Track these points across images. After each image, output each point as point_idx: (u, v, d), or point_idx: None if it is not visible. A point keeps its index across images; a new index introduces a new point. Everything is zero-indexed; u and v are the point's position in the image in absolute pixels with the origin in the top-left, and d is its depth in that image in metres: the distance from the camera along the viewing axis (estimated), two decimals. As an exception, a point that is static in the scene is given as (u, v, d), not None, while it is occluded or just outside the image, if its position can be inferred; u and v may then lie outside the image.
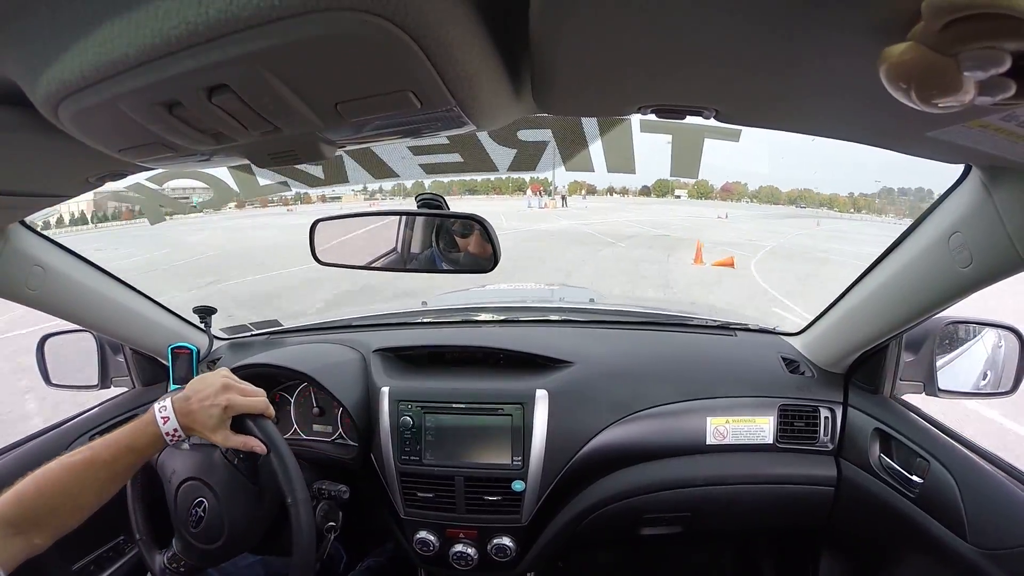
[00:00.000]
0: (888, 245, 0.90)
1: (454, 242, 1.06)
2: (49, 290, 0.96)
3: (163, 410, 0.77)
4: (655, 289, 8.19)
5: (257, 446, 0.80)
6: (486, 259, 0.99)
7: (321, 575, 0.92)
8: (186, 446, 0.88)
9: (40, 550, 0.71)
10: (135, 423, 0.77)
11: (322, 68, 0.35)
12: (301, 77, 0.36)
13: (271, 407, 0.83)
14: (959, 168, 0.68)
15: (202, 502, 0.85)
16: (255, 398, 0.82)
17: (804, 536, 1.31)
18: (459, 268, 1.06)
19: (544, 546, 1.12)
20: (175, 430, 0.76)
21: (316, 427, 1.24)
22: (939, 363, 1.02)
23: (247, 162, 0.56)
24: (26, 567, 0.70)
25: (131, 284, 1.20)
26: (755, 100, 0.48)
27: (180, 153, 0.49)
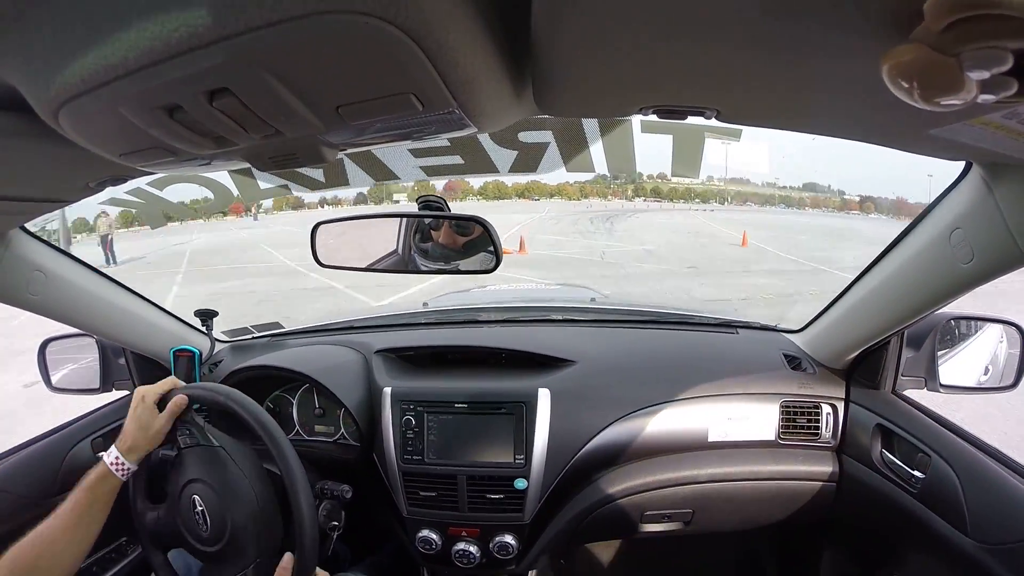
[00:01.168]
0: (890, 242, 0.90)
1: (428, 235, 1.05)
2: (50, 295, 0.96)
3: (108, 451, 0.87)
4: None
5: (178, 400, 0.89)
6: (487, 259, 0.99)
7: None
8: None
9: None
10: (88, 473, 0.85)
11: (323, 71, 0.35)
12: (302, 80, 0.36)
13: (177, 380, 0.94)
14: (959, 165, 0.68)
15: (200, 500, 0.86)
16: (161, 381, 0.92)
17: (806, 532, 1.32)
18: (461, 269, 1.05)
19: (546, 544, 1.13)
20: (116, 458, 0.85)
21: (318, 428, 1.24)
22: (940, 359, 1.02)
23: (248, 166, 0.56)
24: None
25: (132, 288, 1.20)
26: (756, 100, 0.48)
27: (181, 157, 0.49)
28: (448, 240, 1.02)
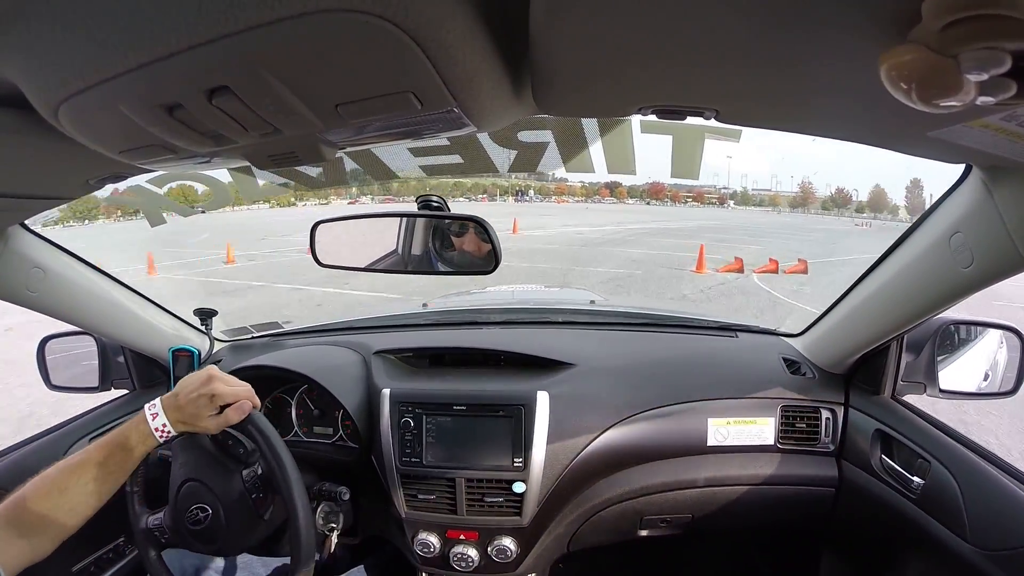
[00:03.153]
0: (889, 246, 0.90)
1: (450, 241, 1.06)
2: (49, 292, 0.96)
3: (152, 407, 0.78)
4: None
5: (236, 413, 0.81)
6: (486, 259, 0.99)
7: None
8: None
9: (42, 556, 0.72)
10: (127, 423, 0.79)
11: (322, 69, 0.35)
12: (301, 78, 0.36)
13: (256, 397, 0.84)
14: (959, 168, 0.68)
15: (205, 508, 0.85)
16: (239, 387, 0.83)
17: (805, 538, 1.31)
18: (460, 269, 1.06)
19: (545, 547, 1.12)
20: (164, 425, 0.78)
21: (317, 429, 1.23)
22: (940, 364, 1.02)
23: (247, 164, 0.56)
24: (27, 569, 0.71)
25: (132, 286, 1.20)
26: (755, 101, 0.48)
27: (180, 155, 0.49)
28: (473, 248, 1.03)
